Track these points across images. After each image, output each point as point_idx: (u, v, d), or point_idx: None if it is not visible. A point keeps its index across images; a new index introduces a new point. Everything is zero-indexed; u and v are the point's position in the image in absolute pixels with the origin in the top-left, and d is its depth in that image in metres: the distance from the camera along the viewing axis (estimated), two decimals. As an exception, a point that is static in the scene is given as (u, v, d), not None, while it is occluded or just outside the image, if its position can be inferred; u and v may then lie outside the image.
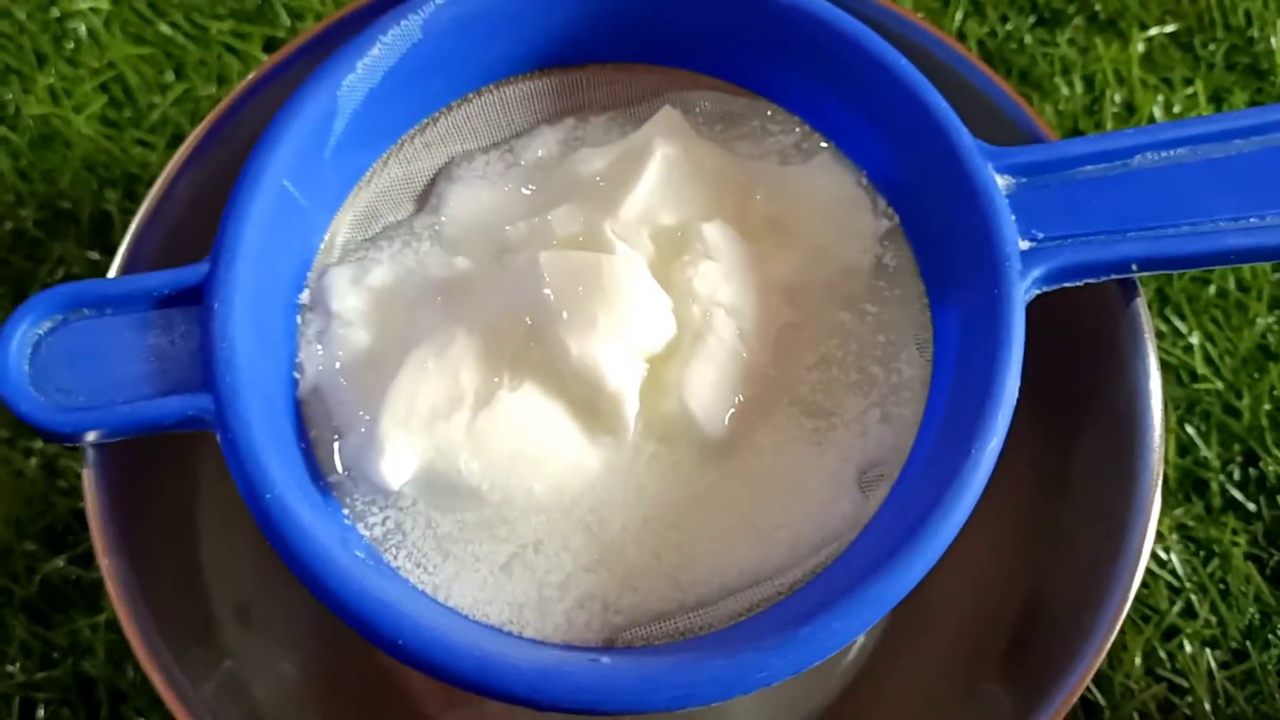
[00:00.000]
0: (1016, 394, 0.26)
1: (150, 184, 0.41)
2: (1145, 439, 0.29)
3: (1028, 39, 0.43)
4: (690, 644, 0.26)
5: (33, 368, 0.26)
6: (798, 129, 0.31)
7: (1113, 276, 0.28)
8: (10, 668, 0.36)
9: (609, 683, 0.24)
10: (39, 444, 0.38)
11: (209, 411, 0.26)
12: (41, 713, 0.35)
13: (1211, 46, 0.43)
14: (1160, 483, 0.28)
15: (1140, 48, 0.43)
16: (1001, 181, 0.28)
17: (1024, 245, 0.27)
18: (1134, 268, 0.28)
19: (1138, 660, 0.35)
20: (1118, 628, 0.28)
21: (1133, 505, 0.29)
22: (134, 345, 0.27)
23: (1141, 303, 0.29)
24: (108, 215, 0.41)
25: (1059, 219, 0.28)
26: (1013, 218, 0.27)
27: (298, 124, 0.28)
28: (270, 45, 0.44)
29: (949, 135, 0.28)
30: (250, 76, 0.32)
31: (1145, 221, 0.28)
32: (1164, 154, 0.29)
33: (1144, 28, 0.43)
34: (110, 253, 0.41)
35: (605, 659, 0.25)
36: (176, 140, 0.42)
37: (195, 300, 0.27)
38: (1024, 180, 0.28)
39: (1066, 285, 0.28)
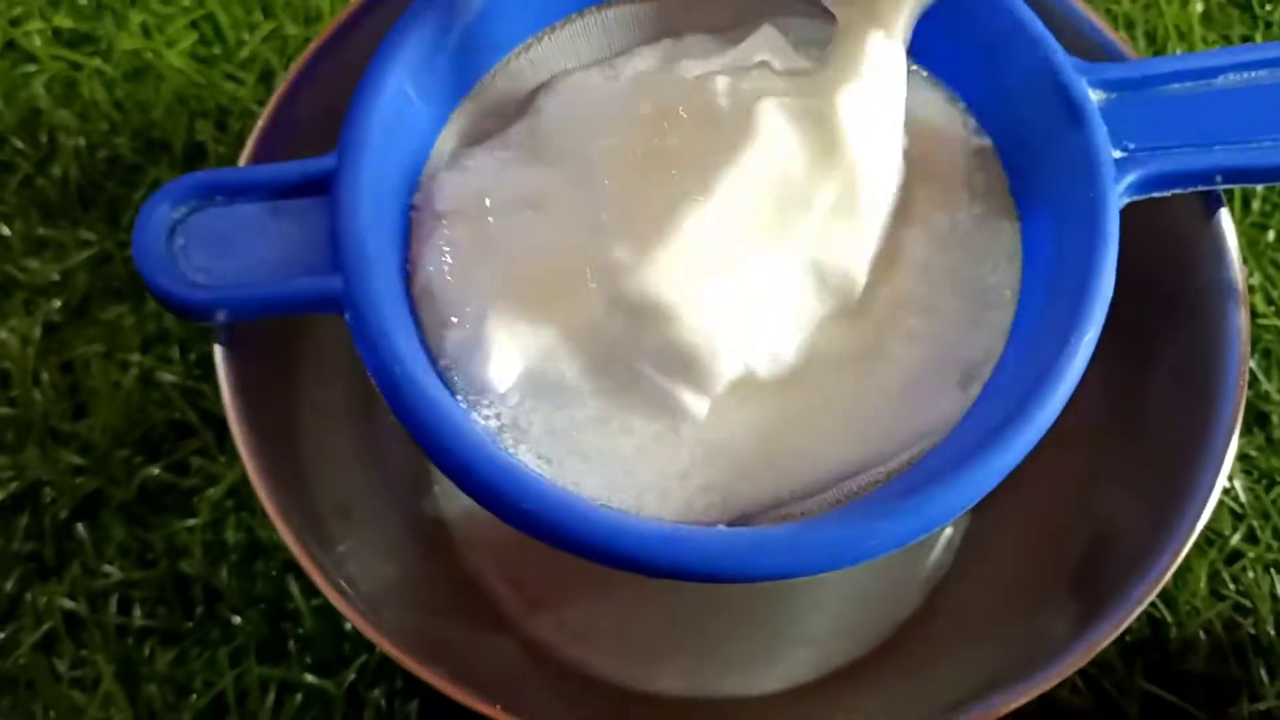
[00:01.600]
0: (1111, 291, 0.27)
1: (241, 116, 0.43)
2: (1229, 350, 0.30)
3: (1092, -6, 0.44)
4: (802, 521, 0.27)
5: (169, 249, 0.28)
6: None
7: (1199, 188, 0.29)
8: (108, 567, 0.37)
9: (726, 547, 0.25)
10: (135, 357, 0.39)
11: (338, 292, 0.27)
12: (138, 611, 0.36)
13: (1269, 6, 0.45)
14: (1243, 401, 0.29)
15: (1199, 7, 0.44)
16: (1093, 95, 0.29)
17: (1116, 154, 0.29)
18: (1219, 179, 0.29)
19: (1202, 582, 0.36)
20: (1186, 548, 0.29)
21: (1212, 424, 0.30)
22: (266, 231, 0.28)
23: (1225, 214, 0.30)
24: (200, 145, 0.43)
25: (1148, 132, 0.29)
26: (1106, 128, 0.29)
27: (418, 30, 0.29)
28: (358, -14, 0.45)
29: (1044, 50, 0.29)
30: (362, -4, 0.34)
31: (1229, 136, 0.29)
32: (1246, 74, 0.30)
33: (1203, -13, 0.45)
34: (203, 179, 0.42)
35: (722, 528, 0.26)
36: (266, 76, 0.44)
37: (323, 191, 0.28)
38: (1114, 95, 0.29)
39: (1155, 195, 0.29)
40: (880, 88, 0.29)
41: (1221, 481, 0.29)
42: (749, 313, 0.28)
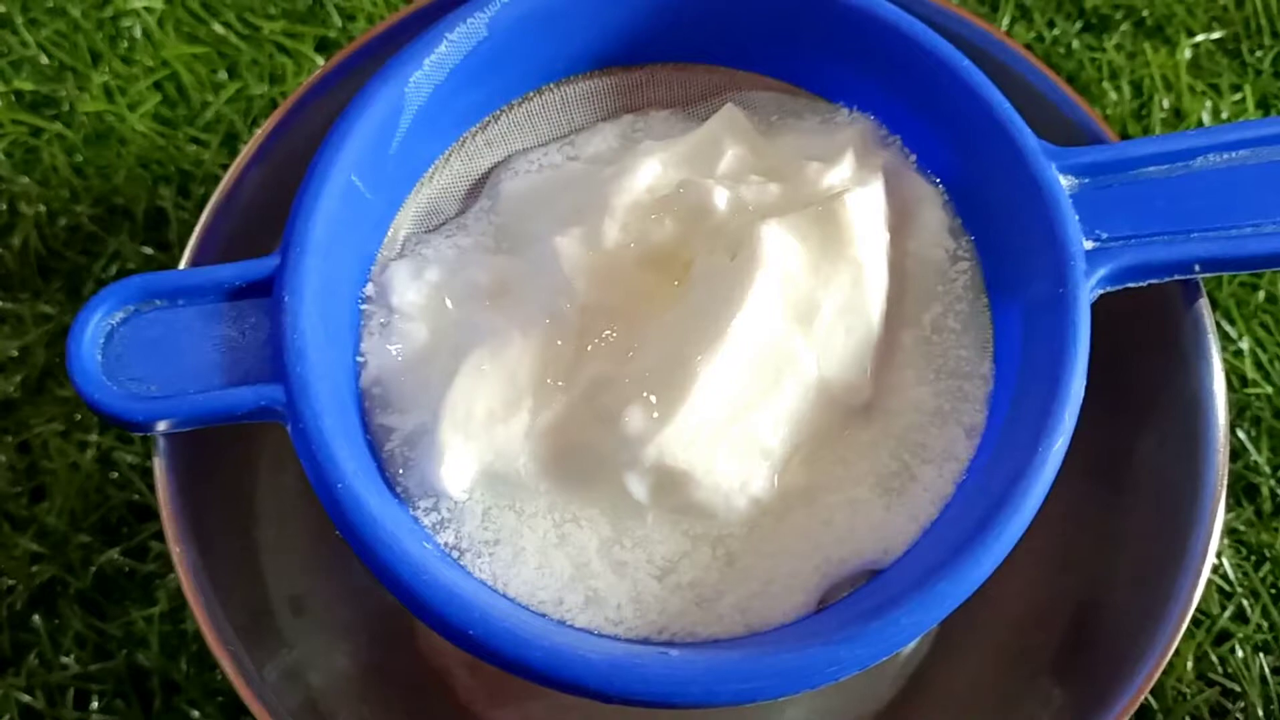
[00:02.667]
0: (1082, 393, 0.26)
1: (204, 182, 0.43)
2: (1209, 439, 0.29)
3: (1075, 44, 0.43)
4: (757, 638, 0.26)
5: (105, 357, 0.27)
6: (858, 129, 0.31)
7: (1176, 277, 0.28)
8: (65, 659, 0.36)
9: (678, 675, 0.24)
10: (94, 436, 0.38)
11: (279, 402, 0.26)
12: (96, 704, 0.36)
13: (1259, 53, 0.43)
14: (1225, 485, 0.28)
15: (1187, 54, 0.43)
16: (1064, 181, 0.28)
17: (1088, 245, 0.27)
18: (1197, 268, 0.28)
19: (1189, 664, 0.35)
20: (1180, 634, 0.28)
21: (1196, 508, 0.29)
22: (205, 336, 0.27)
23: (1204, 303, 0.29)
24: (162, 212, 0.42)
25: (1122, 219, 0.28)
26: (1077, 217, 0.27)
27: (366, 119, 0.28)
28: (322, 45, 0.44)
29: (1013, 135, 0.28)
30: (315, 74, 0.33)
31: (1208, 222, 0.28)
32: (1226, 155, 0.29)
33: (1191, 34, 0.44)
34: (165, 249, 0.41)
35: (673, 652, 0.25)
36: (230, 139, 0.43)
37: (265, 292, 0.27)
38: (1086, 180, 0.28)
39: (1130, 286, 0.28)
40: (875, 185, 0.29)
41: (1208, 563, 0.28)
42: (761, 450, 0.27)
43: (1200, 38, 0.43)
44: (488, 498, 0.27)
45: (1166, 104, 0.42)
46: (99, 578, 0.37)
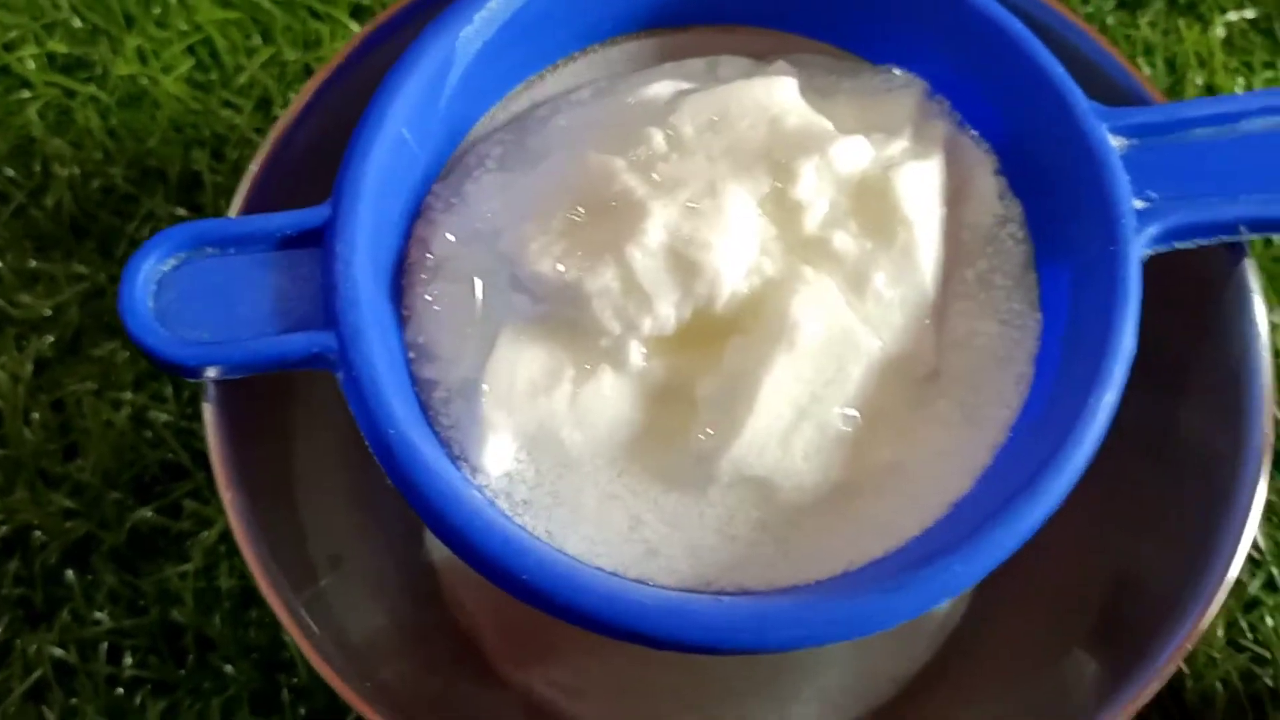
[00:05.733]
0: (1134, 349, 0.26)
1: (238, 145, 0.43)
2: (1253, 406, 0.29)
3: (1109, 20, 0.43)
4: (808, 588, 0.26)
5: (158, 304, 0.27)
6: (907, 91, 0.31)
7: (1222, 239, 0.28)
8: (99, 614, 0.36)
9: (729, 620, 0.24)
10: (128, 395, 0.38)
11: (331, 349, 0.26)
12: (129, 659, 0.36)
13: (1291, 32, 0.44)
14: (1270, 454, 0.28)
15: (1220, 32, 0.43)
16: (1114, 142, 0.28)
17: (1138, 204, 0.28)
18: (1243, 229, 0.28)
19: (1220, 631, 0.35)
20: (1216, 604, 0.28)
21: (1239, 475, 0.29)
22: (257, 284, 0.27)
23: (1250, 264, 0.29)
24: (196, 175, 0.42)
25: (1171, 180, 0.28)
26: (1127, 177, 0.28)
27: (417, 73, 0.28)
28: (356, 11, 0.44)
29: (1064, 96, 0.28)
30: (365, 29, 0.33)
31: (1255, 184, 0.28)
32: (1274, 119, 0.29)
33: (1224, 12, 0.44)
34: (198, 210, 0.41)
35: (724, 598, 0.25)
36: (264, 104, 0.43)
37: (316, 242, 0.27)
38: (1136, 141, 0.28)
39: (1177, 246, 0.28)
40: (934, 160, 0.29)
41: (1250, 532, 0.28)
42: (836, 438, 0.27)
43: (1233, 16, 0.44)
44: (535, 462, 0.27)
45: (1200, 81, 0.42)
46: (132, 535, 0.37)
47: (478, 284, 0.29)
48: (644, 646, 0.25)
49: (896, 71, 0.31)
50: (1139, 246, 0.27)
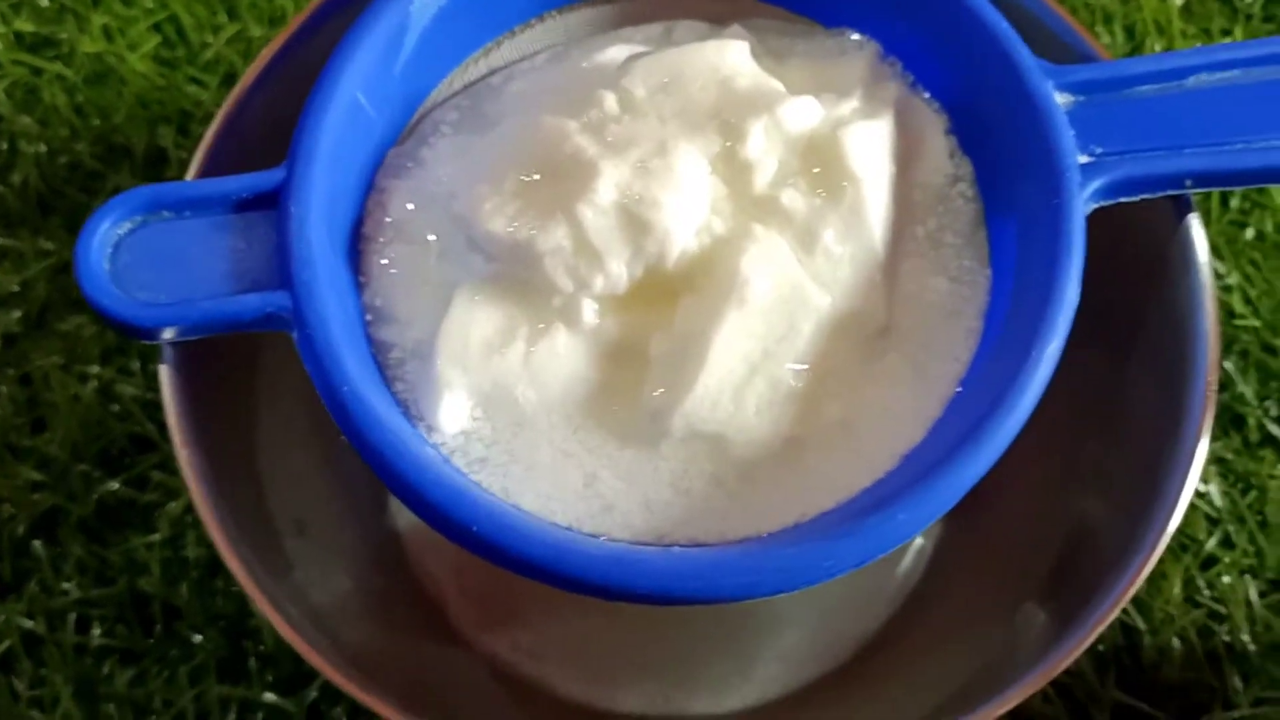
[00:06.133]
0: (1077, 299, 0.26)
1: (203, 121, 0.43)
2: (1197, 356, 0.29)
3: (1068, -11, 0.44)
4: (757, 538, 0.26)
5: (113, 266, 0.27)
6: (855, 53, 0.32)
7: (1169, 192, 0.28)
8: (66, 584, 0.36)
9: (679, 569, 0.25)
10: (95, 369, 0.39)
11: (286, 309, 0.26)
12: (97, 629, 0.36)
13: None
14: (1214, 399, 0.29)
15: (1178, 0, 0.44)
16: (1060, 99, 0.28)
17: (1083, 159, 0.28)
18: (1189, 183, 0.28)
19: (1177, 588, 0.36)
20: (1158, 552, 0.29)
21: (1181, 428, 0.30)
22: (213, 246, 0.27)
23: (1195, 219, 0.30)
24: (162, 150, 0.42)
25: (1116, 135, 0.28)
26: (1072, 132, 0.28)
27: (372, 38, 0.29)
28: (321, -13, 0.44)
29: (1010, 53, 0.28)
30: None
31: (1200, 138, 0.28)
32: (1218, 75, 0.29)
33: (1182, -20, 0.44)
34: (164, 186, 0.42)
35: (675, 549, 0.26)
36: (230, 79, 0.43)
37: (271, 205, 0.27)
38: (1081, 98, 0.29)
39: (1123, 200, 0.28)
40: (883, 120, 0.29)
41: (1191, 485, 0.29)
42: (788, 394, 0.27)
43: (1191, -16, 0.44)
44: (490, 420, 0.28)
45: (1159, 48, 0.43)
46: (100, 506, 0.37)
47: (433, 246, 0.29)
48: (596, 598, 0.25)
49: (850, 35, 0.31)
50: (1083, 200, 0.27)
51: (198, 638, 0.35)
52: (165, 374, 0.28)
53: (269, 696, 0.35)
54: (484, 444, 0.27)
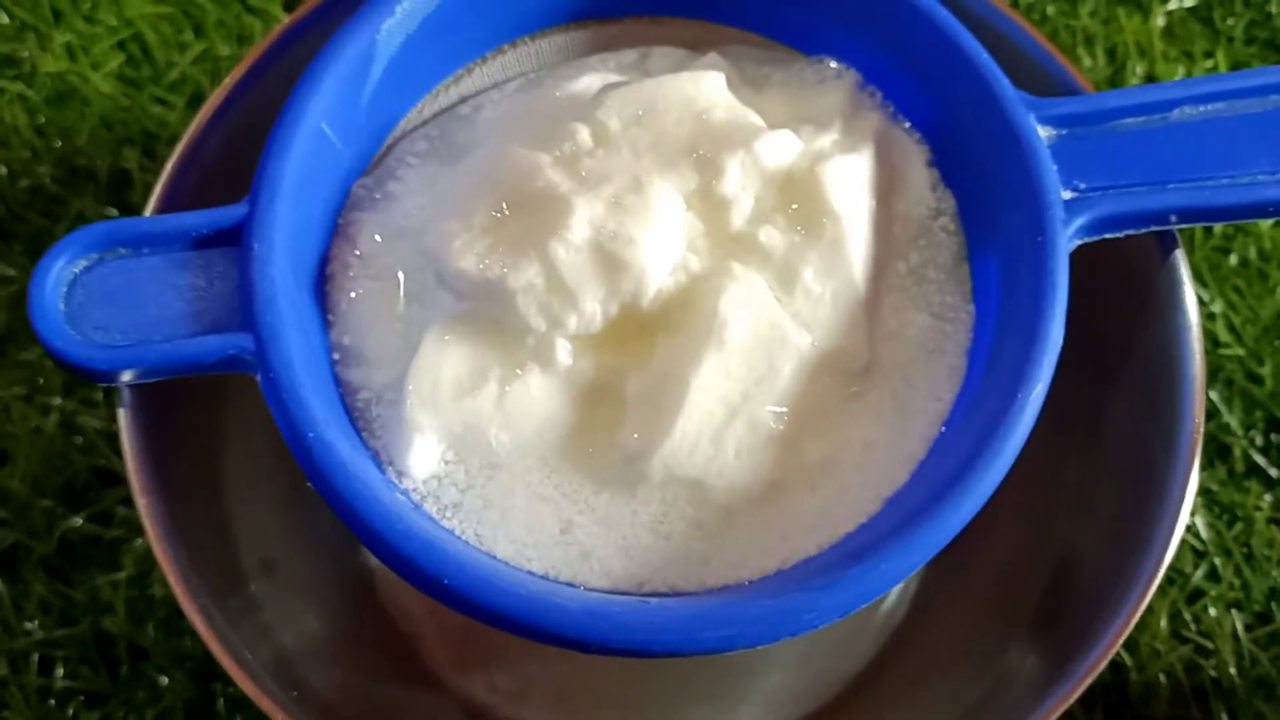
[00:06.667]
0: (1061, 341, 0.26)
1: (169, 143, 0.42)
2: (1184, 391, 0.29)
3: (1050, 10, 0.43)
4: (736, 588, 0.25)
5: (68, 306, 0.26)
6: (836, 82, 0.31)
7: (1153, 228, 0.28)
8: (29, 624, 0.35)
9: (656, 622, 0.24)
10: (57, 400, 0.37)
11: (249, 351, 0.25)
12: (60, 670, 0.35)
13: (1230, 20, 0.44)
14: (1200, 437, 0.28)
15: (1161, 21, 0.43)
16: (1043, 132, 0.28)
17: (1066, 195, 0.27)
18: (1174, 219, 0.28)
19: (1163, 622, 0.35)
20: (1151, 591, 0.28)
21: (1171, 464, 0.29)
22: (171, 285, 0.26)
23: (1180, 255, 0.29)
24: (126, 173, 0.41)
25: (1100, 170, 0.28)
26: (1055, 167, 0.27)
27: (337, 66, 0.28)
28: (290, 5, 0.43)
29: (992, 85, 0.28)
30: (281, 26, 0.32)
31: (1185, 173, 0.28)
32: (1201, 108, 0.29)
33: (1163, 1, 0.44)
34: (129, 210, 0.41)
35: (652, 600, 0.25)
36: (196, 99, 0.42)
37: (233, 241, 0.27)
38: (1064, 131, 0.28)
39: (1107, 236, 0.28)
40: (863, 153, 0.28)
41: (1182, 521, 0.28)
42: (768, 437, 0.27)
43: (1173, 5, 0.44)
44: (464, 464, 0.27)
45: (1140, 70, 0.42)
46: (63, 543, 0.36)
47: (402, 283, 0.28)
48: (571, 650, 0.24)
49: (829, 63, 0.31)
50: (1067, 237, 0.27)
51: (164, 679, 0.34)
52: (124, 418, 0.28)
53: (237, 741, 0.34)
54: (457, 489, 0.26)
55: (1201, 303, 0.39)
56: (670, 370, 0.26)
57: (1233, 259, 0.39)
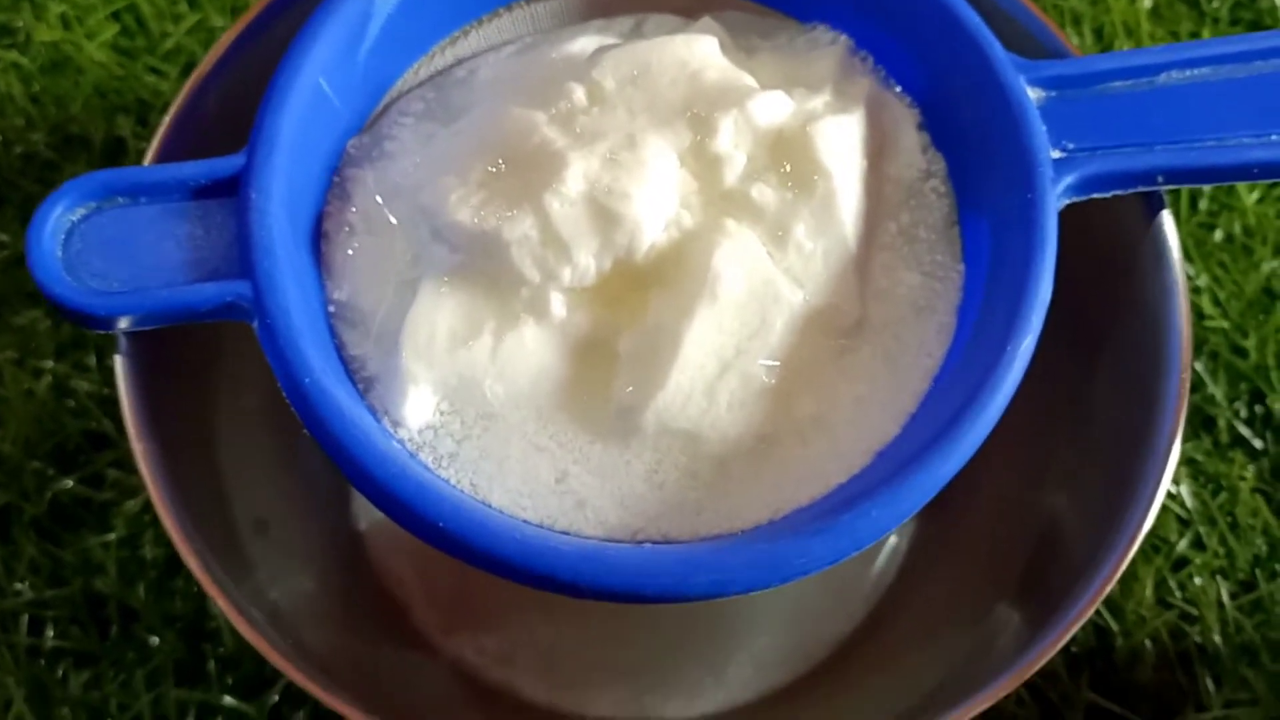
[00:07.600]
0: (1050, 295, 0.26)
1: (163, 111, 0.42)
2: (1170, 356, 0.29)
3: (1039, -10, 0.44)
4: (730, 535, 0.26)
5: (66, 253, 0.26)
6: (828, 47, 0.31)
7: (1140, 188, 0.28)
8: (19, 585, 0.35)
9: (649, 565, 0.24)
10: (49, 364, 0.37)
11: (246, 298, 0.26)
12: (50, 631, 0.35)
13: (1216, 3, 0.44)
14: (1185, 404, 0.29)
15: (1147, 3, 0.44)
16: (1032, 94, 0.28)
17: (1055, 154, 0.28)
18: (1160, 179, 0.28)
19: (1149, 589, 0.36)
20: (1131, 553, 0.28)
21: (1155, 429, 0.30)
22: (169, 233, 0.26)
23: (1167, 217, 0.30)
24: (121, 141, 0.41)
25: (1088, 131, 0.28)
26: (1044, 127, 0.28)
27: (335, 21, 0.28)
28: (287, -22, 0.43)
29: (982, 48, 0.28)
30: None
31: (1171, 135, 0.28)
32: (1189, 72, 0.29)
33: (1151, -17, 0.44)
34: (123, 178, 0.41)
35: (646, 545, 0.25)
36: (190, 69, 0.42)
37: (230, 192, 0.27)
38: (1054, 93, 0.29)
39: (1095, 196, 0.28)
40: (854, 115, 0.29)
41: (1164, 486, 0.29)
42: (760, 390, 0.27)
43: (1160, -13, 0.44)
44: (459, 415, 0.27)
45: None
46: (54, 505, 0.36)
47: (398, 237, 0.28)
48: (566, 595, 0.24)
49: (821, 29, 0.31)
50: (1056, 196, 0.27)
51: (155, 640, 0.34)
52: (120, 365, 0.28)
53: (229, 700, 0.34)
54: (453, 439, 0.27)
55: (1187, 278, 0.39)
56: (664, 324, 0.27)
57: (1218, 234, 0.40)
